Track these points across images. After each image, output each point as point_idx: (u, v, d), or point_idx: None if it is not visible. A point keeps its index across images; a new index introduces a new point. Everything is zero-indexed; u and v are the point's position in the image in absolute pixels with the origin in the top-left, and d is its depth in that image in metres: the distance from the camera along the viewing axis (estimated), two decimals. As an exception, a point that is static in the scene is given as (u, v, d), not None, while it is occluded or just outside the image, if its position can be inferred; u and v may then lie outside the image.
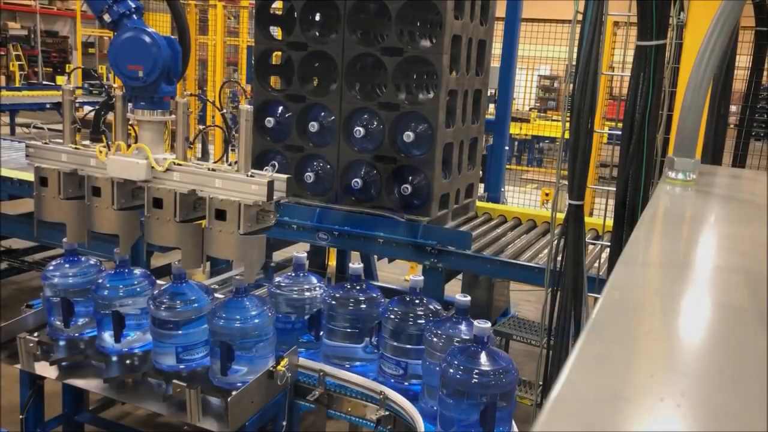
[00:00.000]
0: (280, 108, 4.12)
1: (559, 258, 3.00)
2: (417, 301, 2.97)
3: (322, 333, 3.16)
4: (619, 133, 2.81)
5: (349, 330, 3.04)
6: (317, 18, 4.15)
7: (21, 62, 20.60)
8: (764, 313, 1.05)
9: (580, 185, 2.87)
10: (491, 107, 6.96)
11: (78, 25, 17.52)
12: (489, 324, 2.52)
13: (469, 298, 2.81)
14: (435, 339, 2.73)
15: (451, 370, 2.47)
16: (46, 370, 3.10)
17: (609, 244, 2.90)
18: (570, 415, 0.73)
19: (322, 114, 4.00)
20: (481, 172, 4.90)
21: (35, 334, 3.18)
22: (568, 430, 0.70)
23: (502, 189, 5.84)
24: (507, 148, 6.05)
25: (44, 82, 18.54)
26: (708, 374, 0.86)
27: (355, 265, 3.17)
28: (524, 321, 4.67)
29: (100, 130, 3.02)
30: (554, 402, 0.74)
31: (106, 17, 2.72)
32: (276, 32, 4.45)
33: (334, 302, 3.05)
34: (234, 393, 2.66)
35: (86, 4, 2.78)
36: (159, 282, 3.26)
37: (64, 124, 2.96)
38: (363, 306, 3.03)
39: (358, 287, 3.09)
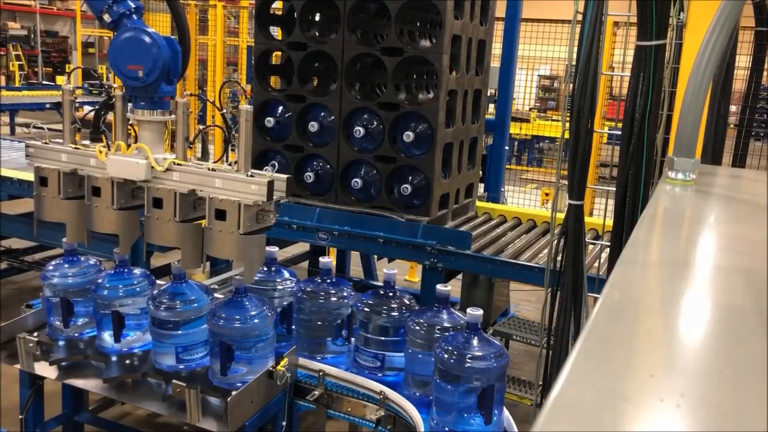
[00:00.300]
0: (280, 108, 4.12)
1: (559, 258, 2.99)
2: (390, 294, 3.04)
3: (293, 326, 3.21)
4: (619, 133, 2.80)
5: (319, 323, 3.10)
6: (317, 18, 4.15)
7: (21, 62, 20.60)
8: (764, 313, 1.05)
9: (579, 185, 2.87)
10: (491, 107, 6.96)
11: (78, 25, 17.54)
12: (481, 311, 2.64)
13: (449, 288, 2.90)
14: (417, 328, 2.81)
15: (446, 356, 2.55)
16: (45, 370, 3.10)
17: (609, 244, 2.90)
18: (570, 415, 0.73)
19: (322, 114, 4.00)
20: (481, 172, 4.90)
21: (35, 334, 3.17)
22: (568, 430, 0.70)
23: (502, 189, 5.84)
24: (507, 148, 6.05)
25: (44, 82, 18.56)
26: (708, 374, 0.85)
27: (325, 258, 3.25)
28: (524, 321, 4.67)
29: (100, 130, 3.01)
30: (554, 402, 0.74)
31: (106, 17, 2.72)
32: (276, 32, 4.45)
33: (304, 296, 3.11)
34: (234, 393, 2.66)
35: (86, 4, 2.78)
36: (159, 282, 3.26)
37: (64, 124, 2.95)
38: (333, 299, 3.10)
39: (328, 281, 3.16)
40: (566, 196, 2.98)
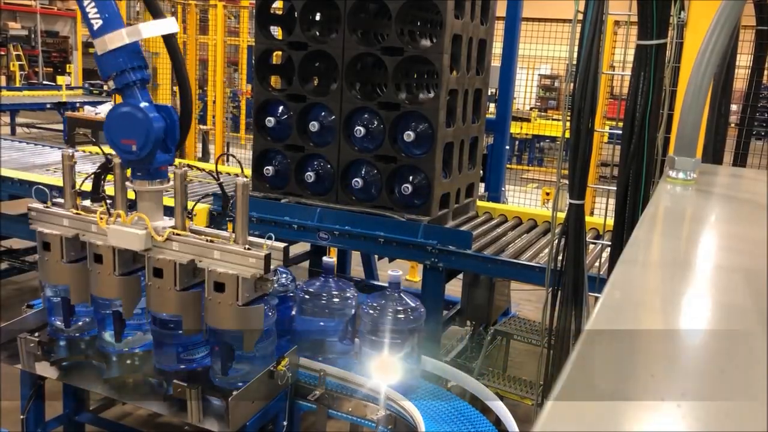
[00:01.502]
0: (281, 108, 4.12)
1: (560, 257, 2.99)
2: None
3: None
4: (620, 132, 2.80)
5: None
6: (317, 18, 4.15)
7: (21, 62, 20.61)
8: (764, 312, 1.05)
9: (580, 184, 2.87)
10: (492, 107, 6.96)
11: (78, 25, 17.58)
12: (400, 272, 3.24)
13: (334, 259, 3.42)
14: (308, 297, 3.26)
15: (370, 311, 3.07)
16: (46, 370, 3.10)
17: (609, 243, 2.90)
18: (570, 415, 0.73)
19: (323, 114, 4.00)
20: (481, 172, 4.90)
21: (36, 334, 3.17)
22: (568, 430, 0.70)
23: (503, 188, 5.84)
24: (507, 147, 6.05)
25: (44, 82, 18.57)
26: (708, 374, 0.85)
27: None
28: (525, 321, 4.67)
29: (100, 194, 3.04)
30: (554, 402, 0.74)
31: (111, 84, 2.75)
32: (276, 32, 4.45)
33: None
34: (235, 393, 2.66)
35: (96, 65, 2.80)
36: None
37: (65, 189, 2.98)
38: None
39: None
40: (567, 196, 2.98)
